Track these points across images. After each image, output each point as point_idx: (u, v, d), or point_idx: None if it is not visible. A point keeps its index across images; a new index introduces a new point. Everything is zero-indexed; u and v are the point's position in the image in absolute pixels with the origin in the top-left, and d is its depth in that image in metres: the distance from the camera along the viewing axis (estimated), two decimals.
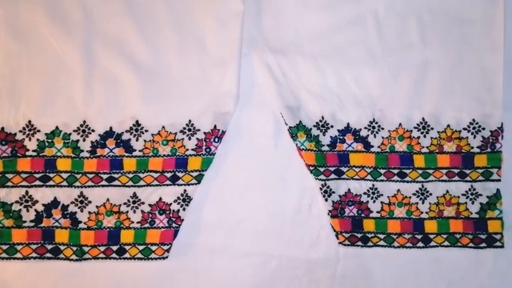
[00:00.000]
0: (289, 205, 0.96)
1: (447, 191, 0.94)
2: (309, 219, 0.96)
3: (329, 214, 0.94)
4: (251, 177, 0.96)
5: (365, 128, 0.95)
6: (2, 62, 0.93)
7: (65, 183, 0.92)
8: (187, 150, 0.93)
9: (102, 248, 0.91)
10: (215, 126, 0.93)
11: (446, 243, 0.94)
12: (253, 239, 0.95)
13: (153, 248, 0.91)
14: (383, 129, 0.95)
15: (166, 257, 0.92)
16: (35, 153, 0.92)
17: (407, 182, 0.95)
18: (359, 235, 0.94)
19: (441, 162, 0.95)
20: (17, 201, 0.91)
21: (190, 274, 0.93)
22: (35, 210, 0.91)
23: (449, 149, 0.95)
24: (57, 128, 0.92)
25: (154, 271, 0.93)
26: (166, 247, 0.91)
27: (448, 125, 0.95)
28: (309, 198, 0.96)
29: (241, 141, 0.96)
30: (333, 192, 0.94)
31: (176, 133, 0.93)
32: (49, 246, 0.91)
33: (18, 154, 0.92)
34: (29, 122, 0.92)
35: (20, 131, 0.92)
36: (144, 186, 0.92)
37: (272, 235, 0.95)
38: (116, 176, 0.92)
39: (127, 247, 0.92)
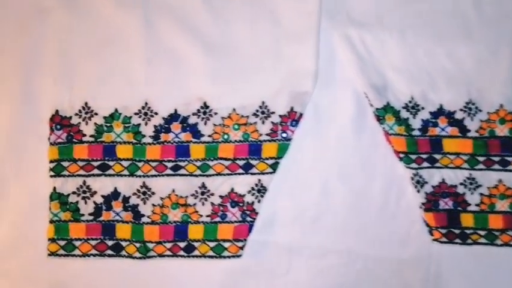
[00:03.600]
0: (375, 198, 0.85)
1: None
2: (397, 214, 0.85)
3: (421, 207, 0.83)
4: (331, 166, 0.85)
5: (461, 109, 0.84)
6: (54, 37, 0.86)
7: (126, 172, 0.83)
8: (261, 135, 0.83)
9: (168, 245, 0.82)
10: (292, 108, 0.83)
11: None
12: (334, 236, 0.84)
13: (226, 244, 0.81)
14: (481, 111, 0.84)
15: (240, 256, 0.82)
16: (92, 139, 0.83)
17: (510, 171, 0.83)
18: (457, 231, 0.83)
19: None
20: (74, 192, 0.82)
21: (265, 275, 0.83)
22: (94, 202, 0.82)
23: None
24: (116, 110, 0.83)
25: (225, 271, 0.83)
26: (240, 244, 0.81)
27: None
28: (397, 190, 0.85)
29: (319, 125, 0.86)
30: (426, 182, 0.83)
31: (248, 116, 0.84)
32: (110, 243, 0.82)
33: (74, 140, 0.83)
34: (86, 104, 0.84)
35: (76, 114, 0.84)
36: (214, 175, 0.83)
37: (355, 232, 0.84)
38: (182, 164, 0.83)
39: (196, 244, 0.82)
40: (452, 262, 0.83)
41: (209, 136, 0.83)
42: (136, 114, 0.83)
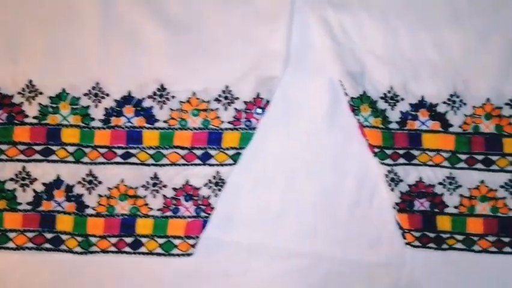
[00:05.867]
0: (345, 196, 0.78)
1: None
2: (368, 214, 0.77)
3: (394, 208, 0.76)
4: (299, 160, 0.78)
5: (444, 102, 0.77)
6: None
7: (70, 158, 0.75)
8: (223, 122, 0.76)
9: (113, 240, 0.74)
10: (258, 94, 0.76)
11: None
12: (298, 237, 0.77)
13: (176, 242, 0.74)
14: (465, 104, 0.77)
15: (191, 254, 0.74)
16: (35, 121, 0.75)
17: (494, 171, 0.76)
18: (432, 235, 0.75)
19: None
20: (11, 179, 0.74)
21: (220, 277, 0.76)
22: (33, 190, 0.74)
23: None
24: (64, 90, 0.76)
25: (176, 270, 0.75)
26: (192, 241, 0.74)
27: None
28: (370, 188, 0.78)
29: (288, 114, 0.78)
30: (401, 180, 0.76)
31: (209, 101, 0.76)
32: (49, 235, 0.74)
33: (15, 121, 0.75)
34: (30, 82, 0.76)
35: (19, 93, 0.75)
36: (168, 165, 0.75)
37: (322, 232, 0.77)
38: (133, 151, 0.75)
39: (143, 240, 0.74)
40: (426, 269, 0.76)
41: (164, 122, 0.75)
42: (85, 95, 0.76)
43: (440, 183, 0.76)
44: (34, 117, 0.75)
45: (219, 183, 0.75)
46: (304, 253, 0.77)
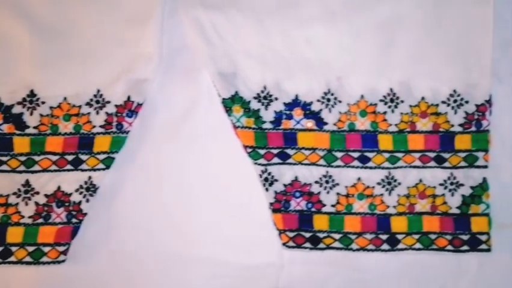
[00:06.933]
0: (222, 197, 0.77)
1: (420, 180, 0.76)
2: (247, 215, 0.77)
3: (270, 208, 0.76)
4: (175, 163, 0.78)
5: (318, 100, 0.77)
6: None
7: None
8: (94, 127, 0.75)
9: None
10: (129, 97, 0.76)
11: (418, 245, 0.75)
12: (173, 240, 0.76)
13: (45, 249, 0.73)
14: (340, 102, 0.77)
15: (63, 261, 0.73)
16: None
17: (370, 168, 0.76)
18: (308, 235, 0.75)
19: (414, 144, 0.76)
20: None
21: (95, 281, 0.75)
22: None
23: (423, 128, 0.76)
24: None
25: (52, 277, 0.74)
26: (62, 248, 0.73)
27: (423, 98, 0.77)
28: (248, 189, 0.77)
29: (163, 116, 0.78)
30: (276, 180, 0.76)
31: (81, 106, 0.76)
32: None
33: None
34: None
35: None
36: (39, 172, 0.74)
37: (198, 234, 0.77)
38: (4, 159, 0.74)
39: (13, 248, 0.73)
40: (305, 269, 0.76)
41: (35, 128, 0.75)
42: None
43: (316, 182, 0.76)
44: None
45: (90, 188, 0.74)
46: (178, 256, 0.76)
